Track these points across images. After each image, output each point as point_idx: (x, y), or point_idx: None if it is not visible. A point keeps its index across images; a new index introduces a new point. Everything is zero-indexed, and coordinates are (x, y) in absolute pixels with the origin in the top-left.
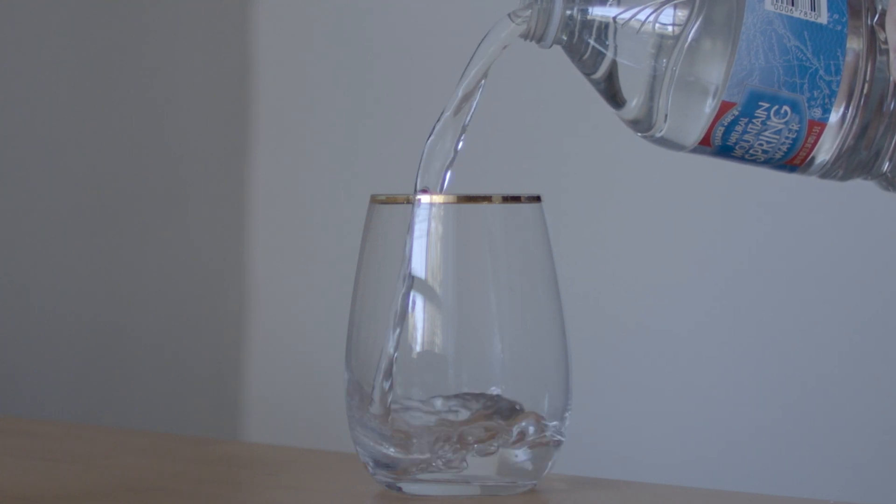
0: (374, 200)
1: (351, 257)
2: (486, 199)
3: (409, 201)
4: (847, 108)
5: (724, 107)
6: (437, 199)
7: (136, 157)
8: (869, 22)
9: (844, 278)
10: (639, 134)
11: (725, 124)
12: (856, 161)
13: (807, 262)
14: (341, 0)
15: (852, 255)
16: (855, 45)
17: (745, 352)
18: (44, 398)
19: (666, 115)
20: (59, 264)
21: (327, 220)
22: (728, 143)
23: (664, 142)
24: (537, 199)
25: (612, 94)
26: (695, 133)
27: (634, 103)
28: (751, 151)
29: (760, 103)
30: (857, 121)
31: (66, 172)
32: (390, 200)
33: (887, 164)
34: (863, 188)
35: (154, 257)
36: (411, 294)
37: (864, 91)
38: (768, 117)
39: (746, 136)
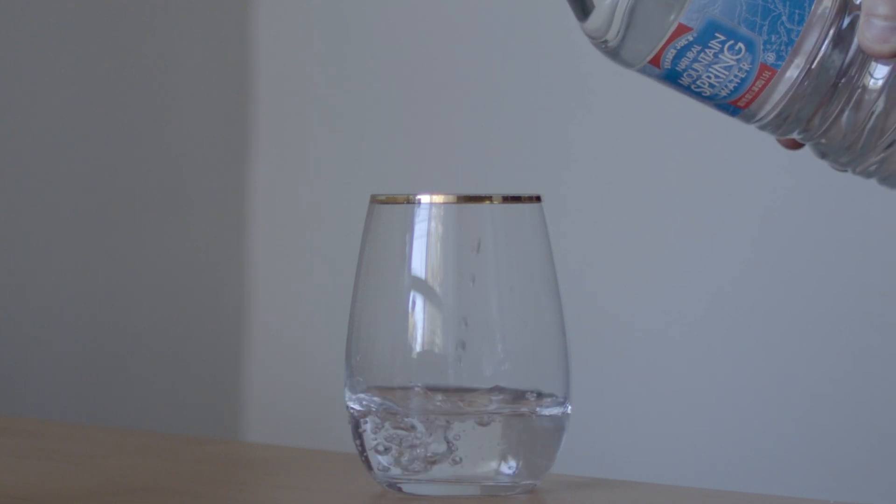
0: (374, 200)
1: (351, 257)
2: (486, 199)
3: (410, 201)
4: (802, 60)
5: (680, 29)
6: (437, 199)
7: (136, 157)
8: None
9: (846, 277)
10: (593, 44)
11: (678, 48)
12: (798, 117)
13: (808, 262)
14: (341, 0)
15: (853, 254)
16: (827, 1)
17: (746, 352)
18: (44, 398)
19: (624, 27)
20: (59, 264)
21: (327, 220)
22: (677, 69)
23: (616, 55)
24: (537, 199)
25: (581, 2)
26: (647, 50)
27: (598, 11)
28: (698, 82)
29: (717, 34)
30: (808, 76)
31: (66, 172)
32: (390, 200)
33: (822, 124)
34: (865, 186)
35: (154, 257)
36: (411, 294)
37: (823, 48)
38: (721, 51)
39: (696, 66)
